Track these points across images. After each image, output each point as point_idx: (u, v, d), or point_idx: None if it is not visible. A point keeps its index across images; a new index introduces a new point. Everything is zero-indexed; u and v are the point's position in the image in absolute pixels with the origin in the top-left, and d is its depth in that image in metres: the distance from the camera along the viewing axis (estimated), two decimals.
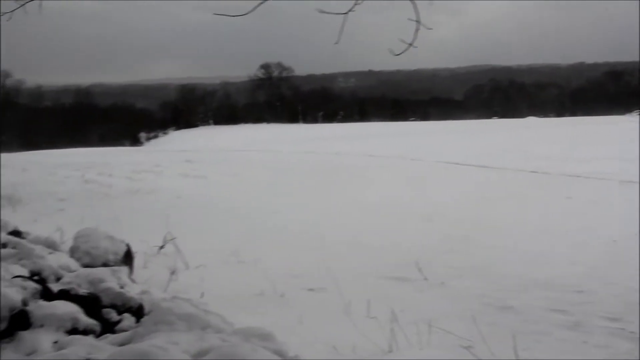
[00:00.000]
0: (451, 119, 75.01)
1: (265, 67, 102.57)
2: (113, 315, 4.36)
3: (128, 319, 4.34)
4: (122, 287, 4.83)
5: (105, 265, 5.99)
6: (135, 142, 77.48)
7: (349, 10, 4.36)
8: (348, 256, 9.59)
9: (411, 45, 4.44)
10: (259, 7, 4.43)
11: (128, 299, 4.56)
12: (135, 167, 21.20)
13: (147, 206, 14.11)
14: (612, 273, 8.53)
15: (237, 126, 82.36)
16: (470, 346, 5.30)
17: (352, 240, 10.89)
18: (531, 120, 66.14)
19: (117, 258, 6.40)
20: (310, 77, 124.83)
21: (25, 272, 4.81)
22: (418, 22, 4.36)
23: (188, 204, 14.50)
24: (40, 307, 3.84)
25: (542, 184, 18.43)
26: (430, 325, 5.59)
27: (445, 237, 11.31)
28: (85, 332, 3.88)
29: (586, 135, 34.72)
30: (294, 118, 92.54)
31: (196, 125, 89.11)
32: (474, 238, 11.27)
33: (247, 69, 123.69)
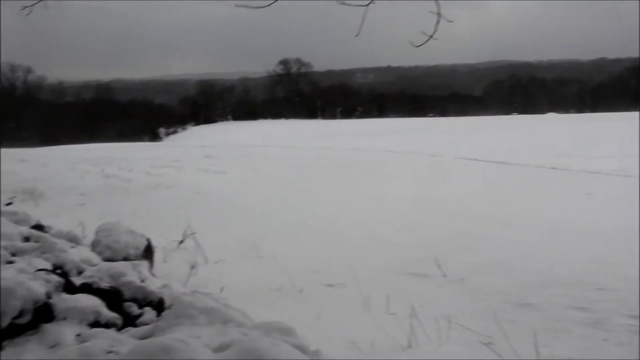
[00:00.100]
0: (470, 115, 74.67)
1: (284, 62, 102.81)
2: (134, 309, 4.40)
3: (149, 313, 4.37)
4: (142, 281, 4.87)
5: (126, 259, 6.04)
6: (155, 137, 78.02)
7: (370, 2, 4.35)
8: (367, 252, 9.58)
9: (431, 37, 4.43)
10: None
11: (149, 292, 4.60)
12: (154, 163, 21.32)
13: (166, 201, 14.19)
14: (634, 270, 8.43)
15: (255, 122, 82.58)
16: (490, 343, 5.28)
17: (371, 236, 10.88)
18: (551, 116, 65.62)
19: (138, 252, 6.44)
20: (329, 73, 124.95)
21: (48, 265, 4.86)
22: (439, 14, 4.35)
23: (207, 199, 14.56)
24: (64, 300, 3.88)
25: (562, 181, 18.31)
26: (449, 322, 5.59)
27: (465, 233, 11.26)
28: (107, 325, 3.92)
29: (607, 131, 34.39)
30: (312, 114, 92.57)
31: (215, 121, 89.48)
32: (493, 234, 11.21)
33: (266, 65, 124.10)
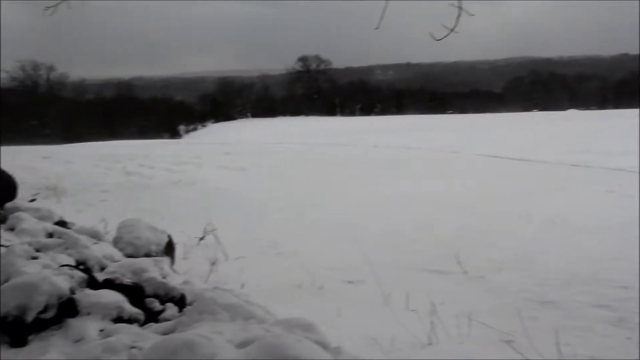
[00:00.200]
0: (490, 112, 74.17)
1: (303, 59, 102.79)
2: (156, 304, 4.43)
3: (171, 309, 4.41)
4: (164, 277, 4.91)
5: (147, 255, 6.08)
6: (175, 134, 78.44)
7: None
8: (386, 249, 9.56)
9: (453, 30, 4.40)
10: None
11: (170, 289, 4.63)
12: (175, 159, 21.45)
13: (186, 198, 14.27)
14: None
15: (274, 119, 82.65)
16: (511, 341, 5.26)
17: (391, 233, 10.86)
18: (572, 112, 64.94)
19: (159, 249, 6.48)
20: (348, 70, 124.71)
21: (71, 261, 4.92)
22: (460, 8, 4.33)
23: (227, 195, 14.63)
24: (87, 296, 3.93)
25: (583, 178, 18.13)
26: (470, 319, 5.56)
27: (485, 230, 11.21)
28: (130, 320, 3.96)
29: (629, 128, 33.95)
30: (331, 111, 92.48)
31: (234, 118, 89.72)
32: (514, 232, 11.15)
33: (285, 62, 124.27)
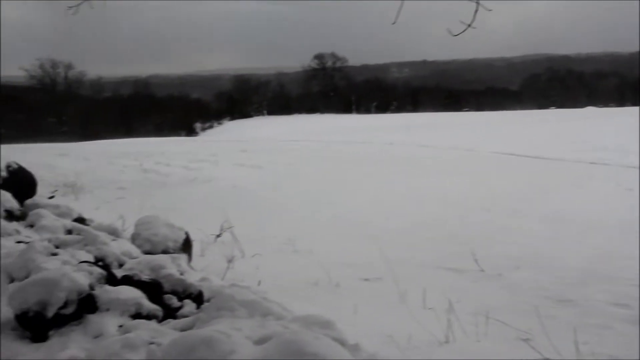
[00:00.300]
0: (507, 110, 73.71)
1: (319, 57, 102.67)
2: (174, 301, 4.45)
3: (189, 305, 4.43)
4: (182, 274, 4.92)
5: (165, 252, 6.11)
6: (191, 132, 78.66)
7: None
8: (403, 246, 9.56)
9: (469, 26, 4.38)
10: None
11: (188, 285, 4.65)
12: (191, 157, 21.53)
13: (203, 195, 14.34)
14: None
15: (290, 116, 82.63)
16: (529, 339, 5.24)
17: (407, 230, 10.86)
18: (590, 110, 64.33)
19: (177, 245, 6.51)
20: (364, 67, 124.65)
21: (90, 257, 4.96)
22: (477, 3, 4.31)
23: (243, 193, 14.68)
24: (106, 292, 3.95)
25: (601, 175, 18.01)
26: (487, 317, 5.54)
27: (502, 228, 11.18)
28: (148, 317, 3.98)
29: None
30: (347, 108, 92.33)
31: (250, 116, 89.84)
32: (531, 229, 11.11)
33: (301, 60, 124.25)
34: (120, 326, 3.73)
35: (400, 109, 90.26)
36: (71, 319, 3.71)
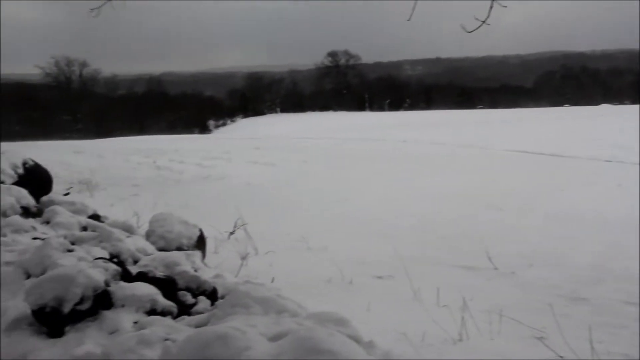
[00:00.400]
0: (521, 107, 73.29)
1: (332, 55, 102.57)
2: (188, 297, 4.47)
3: (203, 302, 4.44)
4: (196, 271, 4.94)
5: (179, 249, 6.13)
6: (204, 129, 78.85)
7: None
8: (416, 244, 9.55)
9: (484, 22, 4.37)
10: None
11: (202, 282, 4.67)
12: (205, 154, 21.63)
13: (217, 192, 14.40)
14: None
15: (303, 114, 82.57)
16: (543, 337, 5.22)
17: (421, 229, 10.84)
18: (605, 107, 63.83)
19: (191, 242, 6.53)
20: (377, 65, 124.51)
21: (105, 254, 4.99)
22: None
23: (257, 190, 14.72)
24: (121, 288, 3.98)
25: (616, 173, 17.88)
26: (501, 315, 5.53)
27: (516, 226, 11.14)
28: (163, 313, 4.00)
29: None
30: (360, 106, 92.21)
31: (263, 113, 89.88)
32: (545, 227, 11.06)
33: (314, 57, 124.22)
34: (136, 322, 3.75)
35: (413, 106, 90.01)
36: (87, 315, 3.74)
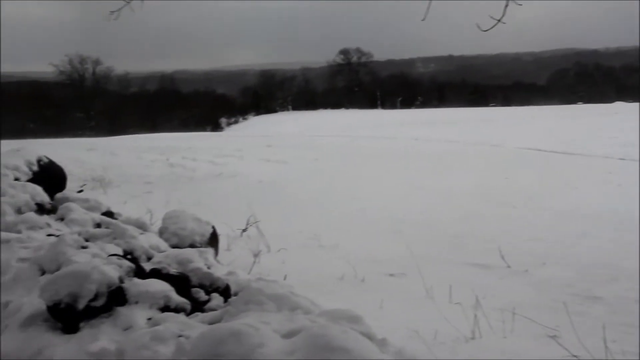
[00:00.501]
0: (534, 105, 72.92)
1: (344, 52, 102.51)
2: (201, 294, 4.48)
3: (216, 299, 4.45)
4: (209, 268, 4.96)
5: (192, 246, 6.15)
6: (217, 127, 79.01)
7: None
8: (429, 242, 9.53)
9: (499, 21, 4.36)
10: None
11: (215, 279, 4.68)
12: (217, 152, 21.68)
13: (229, 190, 14.43)
14: None
15: (315, 112, 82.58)
16: (556, 336, 5.20)
17: (433, 226, 10.82)
18: (619, 105, 63.36)
19: (203, 239, 6.55)
20: (390, 63, 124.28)
21: (119, 251, 5.02)
22: None
23: (269, 188, 14.74)
24: (135, 285, 4.00)
25: (630, 172, 17.76)
26: (514, 313, 5.51)
27: (529, 224, 11.09)
28: (177, 310, 4.01)
29: None
30: (372, 103, 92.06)
31: (275, 111, 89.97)
32: (558, 225, 11.01)
33: (326, 55, 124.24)
34: (149, 319, 3.76)
35: (425, 104, 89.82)
36: (101, 311, 3.76)
